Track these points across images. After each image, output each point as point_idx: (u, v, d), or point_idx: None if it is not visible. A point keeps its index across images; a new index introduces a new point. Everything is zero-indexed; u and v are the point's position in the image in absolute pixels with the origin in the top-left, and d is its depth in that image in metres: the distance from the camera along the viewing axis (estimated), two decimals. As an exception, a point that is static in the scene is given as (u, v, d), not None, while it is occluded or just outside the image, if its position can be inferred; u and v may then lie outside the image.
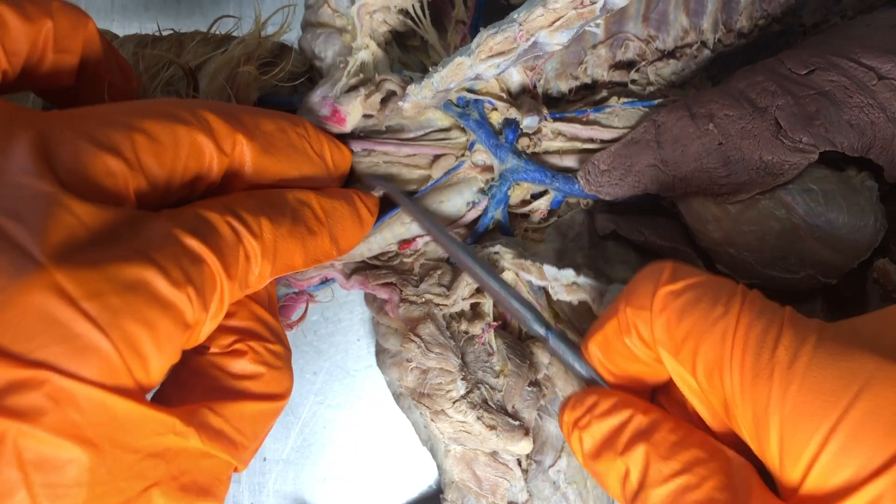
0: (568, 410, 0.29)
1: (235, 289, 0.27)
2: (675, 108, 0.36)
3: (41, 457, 0.21)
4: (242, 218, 0.28)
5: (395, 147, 0.38)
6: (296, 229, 0.30)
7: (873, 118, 0.32)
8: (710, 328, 0.24)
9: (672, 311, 0.25)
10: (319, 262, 0.32)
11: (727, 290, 0.25)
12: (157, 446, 0.24)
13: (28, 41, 0.27)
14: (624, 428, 0.27)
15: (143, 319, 0.23)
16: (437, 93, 0.34)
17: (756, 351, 0.23)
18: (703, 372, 0.24)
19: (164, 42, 0.37)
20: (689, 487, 0.24)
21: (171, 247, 0.25)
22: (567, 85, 0.40)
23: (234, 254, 0.27)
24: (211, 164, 0.29)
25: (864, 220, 0.33)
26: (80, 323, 0.22)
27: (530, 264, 0.35)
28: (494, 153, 0.38)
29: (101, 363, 0.22)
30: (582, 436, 0.28)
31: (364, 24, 0.37)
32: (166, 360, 0.24)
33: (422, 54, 0.41)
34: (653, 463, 0.25)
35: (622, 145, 0.36)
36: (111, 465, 0.22)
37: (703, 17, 0.39)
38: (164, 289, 0.24)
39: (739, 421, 0.24)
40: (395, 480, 0.46)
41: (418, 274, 0.40)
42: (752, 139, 0.33)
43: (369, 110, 0.36)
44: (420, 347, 0.38)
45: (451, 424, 0.37)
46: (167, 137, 0.27)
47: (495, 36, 0.31)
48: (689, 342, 0.25)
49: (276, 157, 0.31)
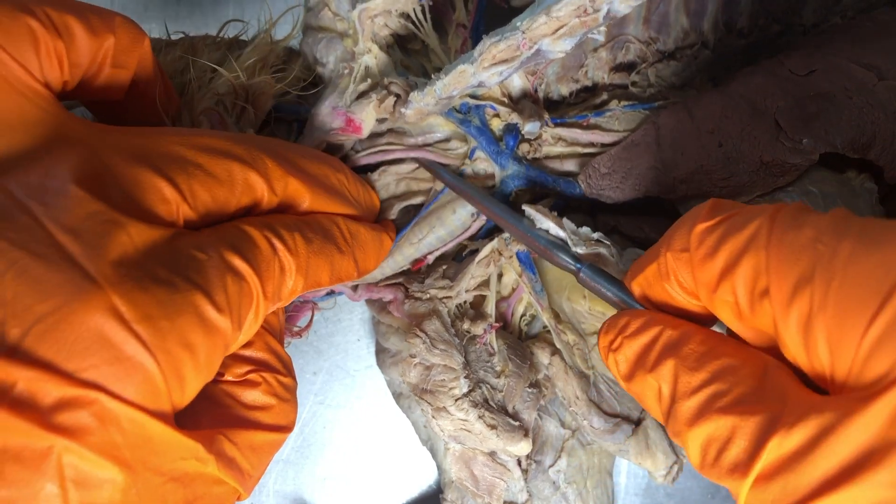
0: (602, 335, 0.29)
1: (269, 304, 0.28)
2: (675, 111, 0.36)
3: (81, 475, 0.22)
4: (279, 233, 0.28)
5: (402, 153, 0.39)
6: (325, 248, 0.31)
7: (873, 118, 0.32)
8: (745, 249, 0.23)
9: (707, 245, 0.24)
10: (342, 281, 0.33)
11: (759, 210, 0.24)
12: (179, 470, 0.25)
13: (90, 55, 0.28)
14: (653, 345, 0.26)
15: (188, 343, 0.24)
16: (439, 100, 0.34)
17: (792, 256, 0.22)
18: (744, 297, 0.23)
19: (177, 47, 0.36)
20: (717, 395, 0.23)
21: (216, 267, 0.25)
22: (568, 88, 0.40)
23: (271, 269, 0.28)
24: (261, 203, 0.30)
25: (864, 221, 0.33)
26: (131, 345, 0.22)
27: (548, 212, 0.35)
28: (495, 160, 0.39)
29: (147, 385, 0.23)
30: (616, 358, 0.28)
31: (366, 28, 0.37)
32: (203, 382, 0.25)
33: (423, 58, 0.41)
34: (681, 376, 0.24)
35: (622, 148, 0.36)
36: (141, 487, 0.23)
37: (704, 18, 0.39)
38: (210, 313, 0.25)
39: (787, 339, 0.22)
40: (395, 480, 0.46)
41: (423, 270, 0.40)
42: (752, 141, 0.33)
43: (383, 114, 0.37)
44: (425, 343, 0.38)
45: (453, 422, 0.37)
46: (222, 173, 0.28)
47: (498, 44, 0.31)
48: (727, 272, 0.24)
49: (321, 199, 0.32)
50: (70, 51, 0.27)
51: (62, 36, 0.26)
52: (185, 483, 0.25)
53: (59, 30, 0.26)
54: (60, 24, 0.26)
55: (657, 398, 0.25)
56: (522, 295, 0.41)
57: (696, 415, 0.23)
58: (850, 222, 0.22)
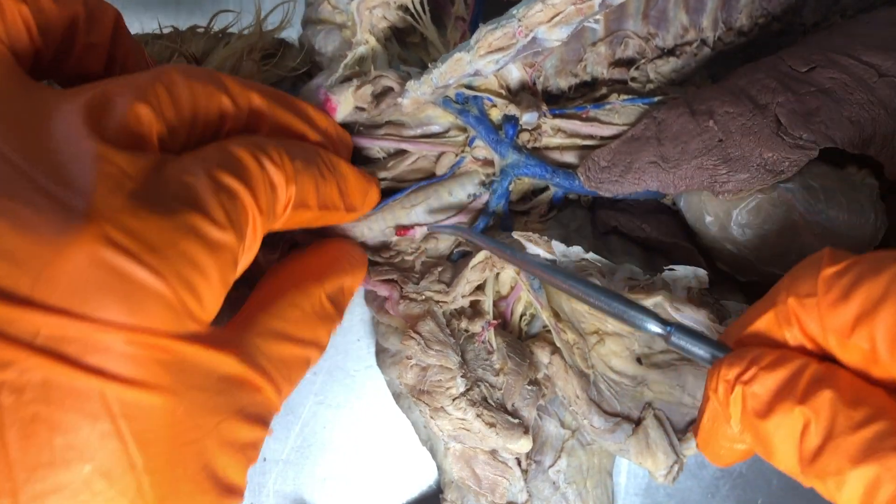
0: (725, 368, 0.26)
1: (265, 220, 0.28)
2: (676, 105, 0.36)
3: (128, 408, 0.22)
4: (264, 149, 0.28)
5: (395, 143, 0.38)
6: (309, 168, 0.31)
7: (874, 115, 0.32)
8: (884, 294, 0.22)
9: (838, 290, 0.23)
10: (328, 210, 0.33)
11: (891, 254, 0.23)
12: (222, 383, 0.25)
13: (61, 23, 0.28)
14: (801, 375, 0.24)
15: (197, 265, 0.24)
16: (436, 89, 0.34)
17: None
18: (885, 344, 0.22)
19: (165, 39, 0.37)
20: (891, 432, 0.21)
21: (209, 187, 0.25)
22: (567, 82, 0.40)
23: (261, 185, 0.28)
24: (227, 117, 0.30)
25: (864, 217, 0.33)
26: (141, 273, 0.22)
27: (537, 237, 0.35)
28: (495, 148, 0.38)
29: (166, 311, 0.23)
30: (746, 391, 0.25)
31: (364, 20, 0.37)
32: (220, 298, 0.26)
33: (421, 51, 0.41)
34: (842, 409, 0.22)
35: (622, 142, 0.36)
36: (188, 406, 0.24)
37: (703, 15, 0.39)
38: (213, 231, 0.25)
39: None
40: (395, 480, 0.46)
41: (419, 271, 0.40)
42: (752, 136, 0.33)
43: (360, 102, 0.36)
44: (420, 344, 0.38)
45: (451, 422, 0.37)
46: (184, 92, 0.28)
47: (494, 32, 0.31)
48: (864, 317, 0.23)
49: (284, 116, 0.32)
50: (38, 18, 0.27)
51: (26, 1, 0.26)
52: (231, 394, 0.26)
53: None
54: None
55: (801, 434, 0.23)
56: (521, 294, 0.41)
57: (865, 451, 0.21)
58: None
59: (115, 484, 0.22)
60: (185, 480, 0.24)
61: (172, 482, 0.23)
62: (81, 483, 0.22)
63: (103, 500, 0.22)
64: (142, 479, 0.23)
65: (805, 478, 0.23)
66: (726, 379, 0.25)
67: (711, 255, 0.37)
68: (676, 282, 0.33)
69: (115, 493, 0.22)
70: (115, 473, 0.22)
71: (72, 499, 0.21)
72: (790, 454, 0.23)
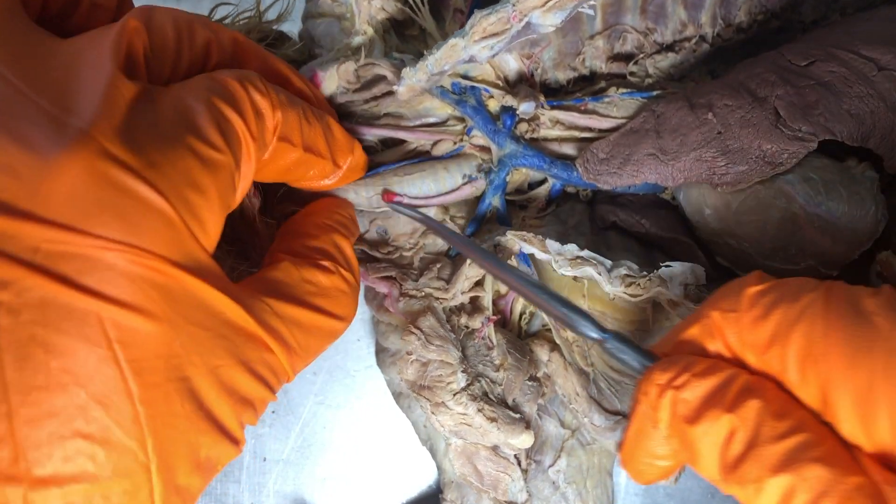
0: (658, 372, 0.26)
1: (256, 147, 0.28)
2: (675, 98, 0.36)
3: (124, 333, 0.22)
4: (248, 77, 0.28)
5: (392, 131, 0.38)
6: (293, 106, 0.30)
7: (873, 108, 0.32)
8: (798, 317, 0.23)
9: (759, 308, 0.25)
10: (312, 154, 0.32)
11: (812, 282, 0.25)
12: (225, 328, 0.25)
13: None
14: (731, 384, 0.24)
15: (197, 184, 0.24)
16: (431, 75, 0.34)
17: (850, 327, 0.22)
18: (794, 364, 0.23)
19: None
20: (809, 445, 0.22)
21: (202, 112, 0.25)
22: (565, 76, 0.40)
23: (250, 111, 0.27)
24: (212, 52, 0.29)
25: (865, 209, 0.33)
26: (143, 189, 0.22)
27: (532, 237, 0.35)
28: (492, 138, 0.38)
29: (168, 231, 0.23)
30: (677, 396, 0.25)
31: (362, 11, 0.37)
32: (220, 221, 0.25)
33: (420, 44, 0.41)
34: (766, 419, 0.23)
35: (621, 134, 0.36)
36: (185, 340, 0.23)
37: (702, 11, 0.39)
38: (210, 152, 0.25)
39: (839, 409, 0.22)
40: (395, 480, 0.46)
41: (418, 268, 0.40)
42: (751, 128, 0.33)
43: (343, 79, 0.36)
44: (420, 340, 0.37)
45: (452, 417, 0.37)
46: (168, 28, 0.28)
47: (489, 17, 0.32)
48: (778, 336, 0.24)
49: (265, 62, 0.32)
50: None
51: None
52: (235, 343, 0.25)
53: None
54: None
55: (726, 441, 0.24)
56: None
57: (784, 461, 0.22)
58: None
59: (110, 411, 0.22)
60: (181, 417, 0.24)
61: (168, 416, 0.23)
62: (76, 408, 0.21)
63: (97, 427, 0.22)
64: (137, 410, 0.22)
65: (726, 484, 0.24)
66: (658, 383, 0.26)
67: (711, 250, 0.37)
68: (673, 278, 0.33)
69: (110, 422, 0.22)
70: (111, 401, 0.22)
71: (66, 424, 0.21)
72: (714, 460, 0.24)
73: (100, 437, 0.22)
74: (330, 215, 0.34)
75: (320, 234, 0.32)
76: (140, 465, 0.22)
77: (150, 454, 0.23)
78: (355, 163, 0.35)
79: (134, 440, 0.22)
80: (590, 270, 0.34)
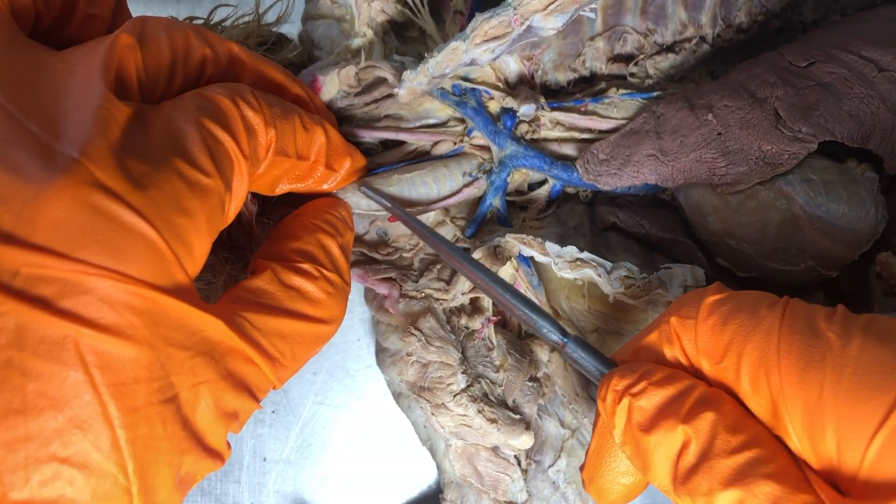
0: (616, 378, 0.26)
1: (249, 165, 0.28)
2: (675, 99, 0.36)
3: (102, 358, 0.22)
4: (243, 95, 0.28)
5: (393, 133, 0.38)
6: (288, 116, 0.30)
7: (873, 108, 0.32)
8: (754, 328, 0.24)
9: (717, 317, 0.25)
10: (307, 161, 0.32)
11: (770, 297, 0.25)
12: (205, 344, 0.25)
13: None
14: (687, 395, 0.24)
15: (184, 209, 0.24)
16: (432, 78, 0.34)
17: (803, 342, 0.22)
18: (748, 375, 0.23)
19: None
20: (761, 461, 0.22)
21: (192, 134, 0.25)
22: (565, 77, 0.40)
23: (241, 129, 0.27)
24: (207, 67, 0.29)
25: (865, 210, 0.33)
26: (128, 216, 0.22)
27: (531, 239, 0.35)
28: (493, 139, 0.38)
29: (152, 257, 0.23)
30: (633, 403, 0.25)
31: (362, 13, 0.37)
32: (207, 245, 0.25)
33: (419, 45, 0.41)
34: (721, 433, 0.23)
35: (621, 135, 0.36)
36: (165, 362, 0.23)
37: (702, 12, 0.39)
38: (198, 176, 0.24)
39: (788, 422, 0.22)
40: (395, 480, 0.46)
41: (418, 269, 0.40)
42: (751, 129, 0.33)
43: (345, 83, 0.36)
44: (421, 341, 0.37)
45: (452, 418, 0.37)
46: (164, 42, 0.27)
47: (490, 20, 0.32)
48: (733, 346, 0.24)
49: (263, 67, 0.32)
50: None
51: None
52: (215, 357, 0.25)
53: None
54: None
55: (676, 454, 0.24)
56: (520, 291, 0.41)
57: (735, 475, 0.22)
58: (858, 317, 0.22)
59: (88, 436, 0.21)
60: (163, 439, 0.23)
61: (149, 439, 0.23)
62: (52, 432, 0.21)
63: (75, 451, 0.21)
64: (117, 434, 0.22)
65: (677, 495, 0.23)
66: (616, 389, 0.26)
67: (711, 251, 0.37)
68: (673, 280, 0.33)
69: (88, 446, 0.21)
70: (89, 425, 0.21)
71: (43, 448, 0.21)
72: (666, 470, 0.24)
73: (78, 462, 0.21)
74: (318, 215, 0.34)
75: (305, 234, 0.32)
76: (121, 488, 0.22)
77: (130, 477, 0.22)
78: (354, 167, 0.35)
79: (114, 464, 0.22)
80: (589, 272, 0.34)
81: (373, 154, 0.39)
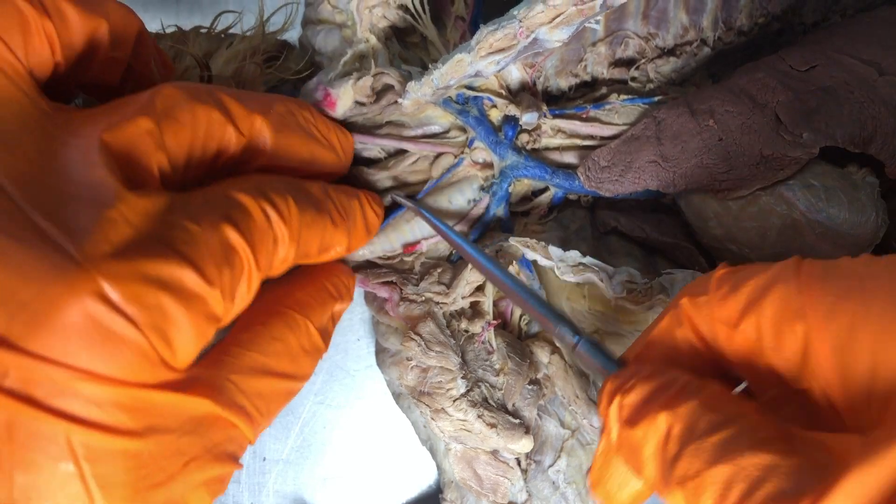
0: (611, 381, 0.26)
1: (262, 275, 0.28)
2: (676, 105, 0.36)
3: (92, 451, 0.22)
4: (273, 200, 0.28)
5: (395, 142, 0.38)
6: (319, 219, 0.31)
7: (874, 113, 0.32)
8: (772, 281, 0.23)
9: (730, 285, 0.25)
10: (328, 254, 0.33)
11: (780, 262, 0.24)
12: (191, 424, 0.25)
13: (83, 36, 0.27)
14: (671, 385, 0.24)
15: (176, 317, 0.24)
16: (436, 90, 0.34)
17: (824, 276, 0.22)
18: (770, 330, 0.23)
19: (168, 38, 0.37)
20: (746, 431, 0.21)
21: (209, 241, 0.25)
22: (567, 82, 0.40)
23: (265, 240, 0.27)
24: (229, 141, 0.29)
25: (866, 215, 0.33)
26: (120, 325, 0.22)
27: (535, 243, 0.35)
28: (494, 150, 0.38)
29: (140, 361, 0.23)
30: (623, 400, 0.25)
31: (363, 19, 0.37)
32: (196, 349, 0.25)
33: (421, 51, 0.41)
34: (702, 415, 0.22)
35: (622, 142, 0.36)
36: (153, 449, 0.24)
37: (703, 15, 0.39)
38: (200, 287, 0.24)
39: (817, 363, 0.22)
40: (395, 480, 0.46)
41: (418, 272, 0.40)
42: (752, 134, 0.33)
43: (360, 95, 0.36)
44: (420, 346, 0.38)
45: (452, 423, 0.37)
46: (185, 116, 0.27)
47: (495, 32, 0.31)
48: (751, 305, 0.23)
49: (290, 137, 0.32)
50: (61, 31, 0.26)
51: (51, 16, 0.26)
52: (201, 433, 0.26)
53: (48, 10, 0.26)
54: (50, 5, 0.26)
55: (663, 441, 0.23)
56: (521, 293, 0.41)
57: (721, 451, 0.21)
58: (878, 258, 0.22)
59: None
60: None
61: None
62: None
63: None
64: None
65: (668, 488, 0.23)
66: (608, 391, 0.26)
67: (712, 255, 0.37)
68: (675, 285, 0.34)
69: None
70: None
71: None
72: (654, 462, 0.23)
73: None
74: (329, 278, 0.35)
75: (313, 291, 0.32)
76: None
77: None
78: (373, 232, 0.36)
79: None
80: (592, 277, 0.34)
81: (377, 163, 0.39)
